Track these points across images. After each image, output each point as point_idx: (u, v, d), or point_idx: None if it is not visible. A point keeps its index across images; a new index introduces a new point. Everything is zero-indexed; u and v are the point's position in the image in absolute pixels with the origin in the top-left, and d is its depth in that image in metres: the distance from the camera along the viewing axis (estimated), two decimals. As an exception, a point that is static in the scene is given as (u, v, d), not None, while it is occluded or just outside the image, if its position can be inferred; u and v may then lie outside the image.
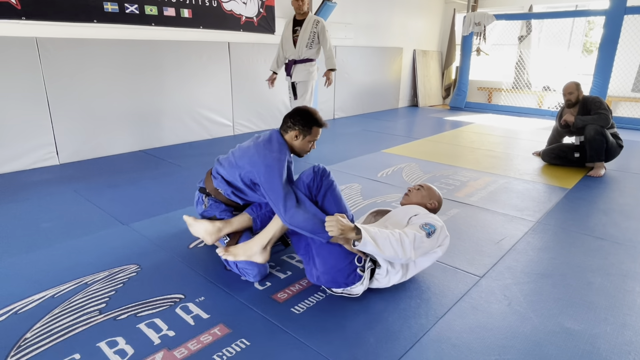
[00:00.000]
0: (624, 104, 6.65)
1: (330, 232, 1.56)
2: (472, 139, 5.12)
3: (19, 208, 2.67)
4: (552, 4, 7.46)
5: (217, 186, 2.01)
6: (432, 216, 1.80)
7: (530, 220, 2.63)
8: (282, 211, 1.70)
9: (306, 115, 1.92)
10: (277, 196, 1.72)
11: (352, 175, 3.52)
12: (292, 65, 4.13)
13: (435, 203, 1.99)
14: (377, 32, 6.93)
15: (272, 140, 1.89)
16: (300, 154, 1.99)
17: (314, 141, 1.99)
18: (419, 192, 2.00)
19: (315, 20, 4.04)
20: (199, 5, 4.36)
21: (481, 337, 1.52)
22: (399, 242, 1.59)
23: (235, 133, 5.08)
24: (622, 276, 1.96)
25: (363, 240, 1.54)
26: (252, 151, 1.88)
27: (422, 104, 8.14)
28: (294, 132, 1.92)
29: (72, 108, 3.67)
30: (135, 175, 3.38)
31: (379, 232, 1.60)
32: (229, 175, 1.97)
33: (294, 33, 4.06)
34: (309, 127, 1.92)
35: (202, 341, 1.46)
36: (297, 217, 1.68)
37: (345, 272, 1.67)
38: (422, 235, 1.64)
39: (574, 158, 3.81)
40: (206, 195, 2.06)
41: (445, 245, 1.78)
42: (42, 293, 1.73)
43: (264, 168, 1.77)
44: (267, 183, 1.75)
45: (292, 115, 1.94)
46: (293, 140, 1.93)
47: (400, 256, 1.60)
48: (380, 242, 1.57)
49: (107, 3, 3.69)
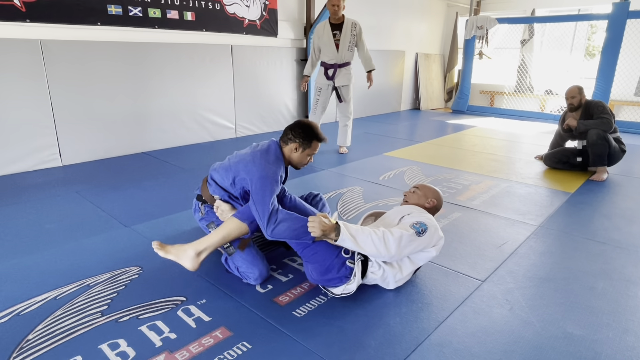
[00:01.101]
0: (627, 108, 6.64)
1: (312, 233, 1.59)
2: (474, 143, 5.12)
3: (21, 209, 2.68)
4: (555, 7, 7.47)
5: (212, 193, 2.03)
6: (426, 215, 1.79)
7: (532, 224, 2.62)
8: (264, 225, 1.72)
9: (307, 129, 1.94)
10: (263, 210, 1.72)
11: (354, 178, 3.52)
12: (334, 70, 4.15)
13: (434, 201, 1.96)
14: (380, 35, 6.94)
15: (270, 151, 1.91)
16: (297, 166, 2.02)
17: (312, 155, 2.01)
18: (415, 194, 1.99)
19: (352, 23, 4.11)
20: (202, 8, 4.38)
21: (483, 341, 1.51)
22: (382, 240, 1.60)
23: (237, 135, 5.09)
24: (625, 281, 1.95)
25: (341, 237, 1.58)
26: (248, 158, 1.89)
27: (424, 107, 8.14)
28: (293, 145, 1.93)
29: (75, 110, 3.69)
30: (138, 177, 3.39)
31: (361, 229, 1.62)
32: (222, 181, 1.98)
33: (334, 37, 4.08)
34: (309, 140, 1.94)
35: (204, 344, 1.46)
36: (278, 229, 1.71)
37: (335, 267, 1.68)
38: (411, 233, 1.64)
39: (576, 162, 3.81)
40: (202, 202, 2.08)
41: (440, 246, 1.78)
42: (44, 295, 1.74)
43: (258, 179, 1.79)
44: (257, 195, 1.76)
45: (293, 127, 1.95)
46: (292, 153, 1.95)
47: (382, 253, 1.62)
48: (360, 238, 1.60)
49: (110, 6, 3.72)
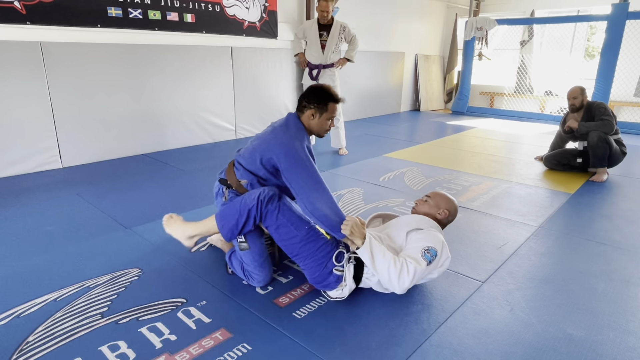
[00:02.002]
0: (627, 109, 6.64)
1: (343, 230, 1.59)
2: (474, 144, 5.12)
3: (22, 211, 2.68)
4: (554, 8, 7.48)
5: (240, 177, 1.92)
6: (435, 234, 1.70)
7: (533, 225, 2.62)
8: (306, 200, 1.67)
9: (320, 93, 1.88)
10: (303, 184, 1.68)
11: (354, 179, 3.52)
12: (318, 70, 4.25)
13: (446, 212, 1.85)
14: (380, 37, 6.95)
15: (290, 123, 1.86)
16: (320, 133, 1.94)
17: (332, 118, 1.93)
18: (426, 204, 1.88)
19: (342, 25, 4.20)
20: (202, 10, 4.39)
21: (483, 342, 1.51)
22: (397, 273, 1.56)
23: (237, 137, 5.09)
24: (625, 282, 1.95)
25: (361, 250, 1.58)
26: (269, 136, 1.84)
27: (424, 108, 8.15)
28: (310, 112, 1.87)
29: (76, 112, 3.69)
30: (138, 179, 3.39)
31: (383, 252, 1.58)
32: (249, 165, 1.89)
33: (320, 37, 4.16)
34: (325, 103, 1.87)
35: (204, 345, 1.46)
36: (321, 210, 1.66)
37: (324, 276, 1.69)
38: (424, 267, 1.59)
39: (577, 164, 3.81)
40: (227, 187, 1.97)
41: (445, 267, 1.72)
42: (44, 296, 1.73)
43: (284, 155, 1.73)
44: (290, 169, 1.71)
45: (306, 95, 1.90)
46: (310, 120, 1.89)
47: (394, 284, 1.58)
48: (377, 259, 1.58)
49: (111, 8, 3.72)
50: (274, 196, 1.69)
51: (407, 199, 3.06)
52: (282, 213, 1.68)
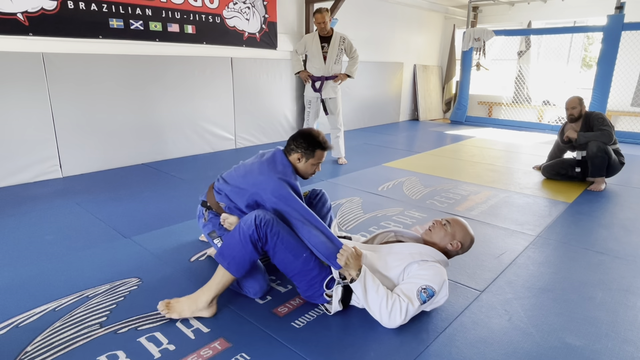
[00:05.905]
0: (624, 119, 6.68)
1: (338, 259, 1.59)
2: (472, 153, 5.15)
3: (21, 221, 2.69)
4: (551, 20, 7.56)
5: (219, 200, 1.99)
6: (437, 269, 1.63)
7: (531, 234, 2.63)
8: (301, 226, 1.69)
9: (309, 138, 1.90)
10: (297, 214, 1.70)
11: (353, 188, 3.53)
12: (321, 82, 4.29)
13: (459, 245, 1.73)
14: (378, 47, 7.02)
15: (276, 160, 1.88)
16: (304, 176, 1.97)
17: (319, 164, 1.96)
18: (443, 229, 1.76)
19: (341, 37, 4.27)
20: (203, 22, 4.44)
21: (482, 352, 1.51)
22: (388, 311, 1.55)
23: (237, 147, 5.12)
24: (624, 291, 1.96)
25: (354, 284, 1.58)
26: (255, 171, 1.86)
27: (422, 117, 8.19)
28: (297, 155, 1.90)
29: (76, 122, 3.72)
30: (138, 189, 3.40)
31: (376, 288, 1.58)
32: (235, 198, 1.93)
33: (322, 49, 4.24)
34: (312, 150, 1.90)
35: (203, 355, 1.46)
36: (315, 238, 1.67)
37: (316, 295, 1.72)
38: (417, 307, 1.57)
39: (575, 174, 3.82)
40: (207, 208, 2.06)
41: (440, 303, 1.69)
42: (43, 306, 1.74)
43: (271, 191, 1.76)
44: (280, 202, 1.73)
45: (295, 137, 1.93)
46: (296, 163, 1.91)
47: (384, 320, 1.59)
48: (370, 295, 1.58)
49: (112, 19, 3.77)
50: (270, 221, 1.65)
51: (405, 208, 3.07)
52: (280, 240, 1.66)
